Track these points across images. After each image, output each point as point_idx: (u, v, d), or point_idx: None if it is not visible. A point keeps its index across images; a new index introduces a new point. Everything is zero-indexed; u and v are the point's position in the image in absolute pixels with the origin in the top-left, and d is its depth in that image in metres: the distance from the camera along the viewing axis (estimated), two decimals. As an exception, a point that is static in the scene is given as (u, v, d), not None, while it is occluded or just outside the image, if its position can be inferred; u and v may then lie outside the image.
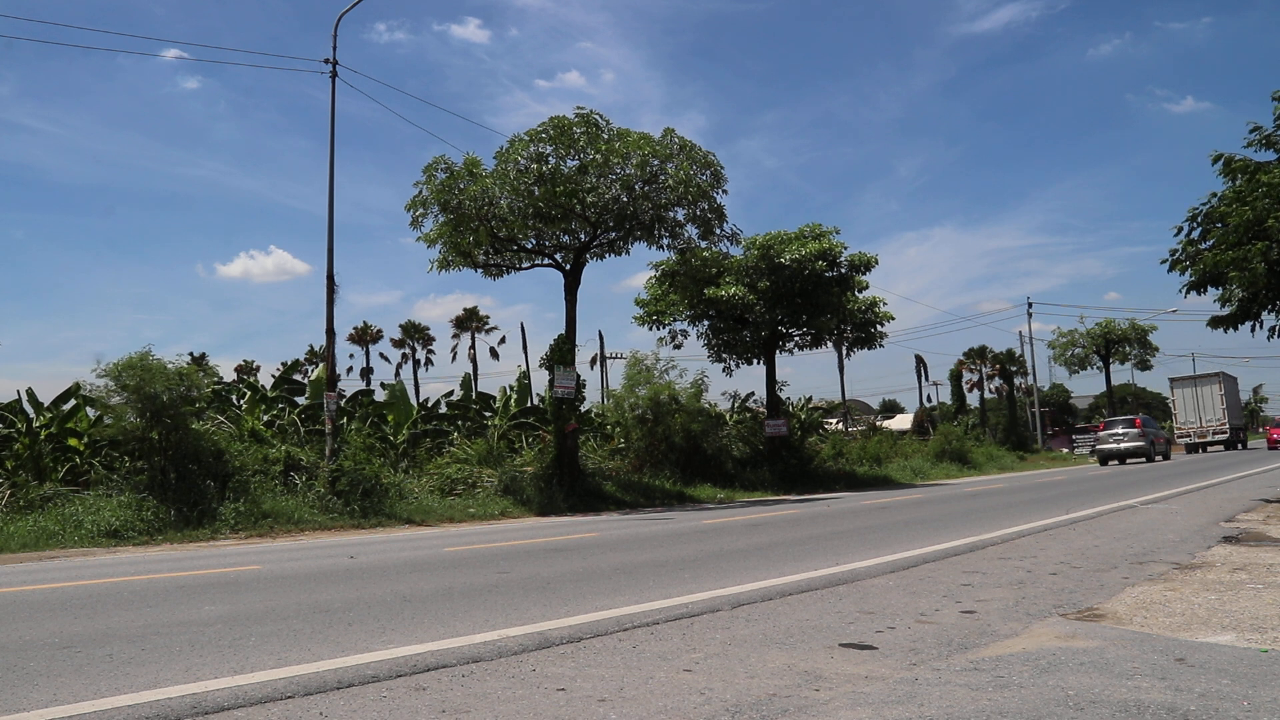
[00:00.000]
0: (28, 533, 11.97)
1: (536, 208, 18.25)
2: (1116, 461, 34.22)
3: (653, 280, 25.81)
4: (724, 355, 26.72)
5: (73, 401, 17.90)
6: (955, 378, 60.10)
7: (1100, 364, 55.03)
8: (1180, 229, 13.64)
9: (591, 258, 20.70)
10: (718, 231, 19.89)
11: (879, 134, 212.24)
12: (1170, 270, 13.60)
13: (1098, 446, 35.59)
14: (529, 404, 26.29)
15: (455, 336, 64.29)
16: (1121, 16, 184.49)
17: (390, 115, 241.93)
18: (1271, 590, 6.03)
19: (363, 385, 53.28)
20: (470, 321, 62.93)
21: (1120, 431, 34.51)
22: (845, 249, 24.86)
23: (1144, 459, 34.11)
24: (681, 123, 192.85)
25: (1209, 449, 44.90)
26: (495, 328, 64.27)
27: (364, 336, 63.51)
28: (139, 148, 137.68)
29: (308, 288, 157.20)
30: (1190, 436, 44.78)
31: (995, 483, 24.81)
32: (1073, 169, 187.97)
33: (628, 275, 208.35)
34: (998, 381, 64.39)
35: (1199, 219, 13.41)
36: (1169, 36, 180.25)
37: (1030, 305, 57.47)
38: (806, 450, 28.05)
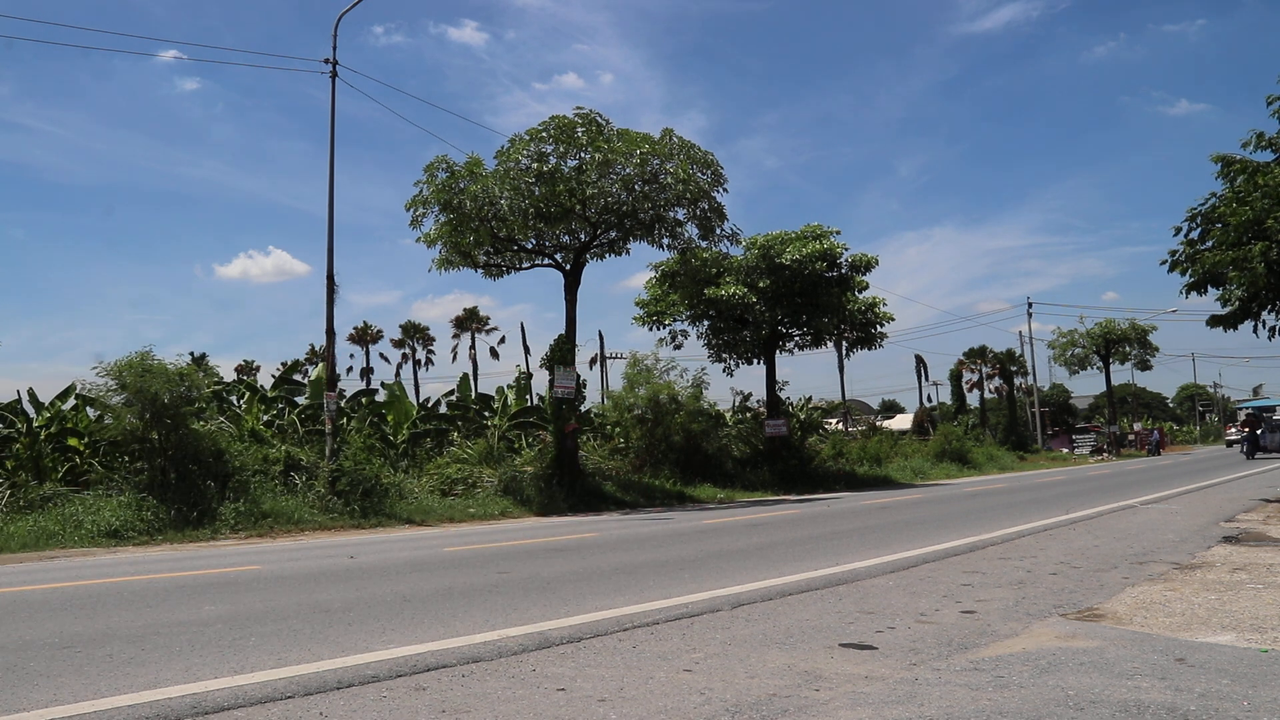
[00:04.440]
0: (28, 533, 11.96)
1: (537, 207, 18.25)
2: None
3: (653, 280, 25.80)
4: (724, 355, 26.70)
5: (72, 401, 17.89)
6: (955, 378, 60.04)
7: (1100, 364, 55.02)
8: (1180, 229, 13.65)
9: (591, 258, 20.70)
10: (718, 231, 19.89)
11: (879, 134, 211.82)
12: (1170, 271, 13.61)
13: (1229, 438, 55.14)
14: (529, 404, 26.28)
15: (455, 336, 64.26)
16: (1122, 17, 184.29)
17: (390, 115, 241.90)
18: (1271, 590, 6.03)
19: (363, 385, 53.32)
20: (470, 321, 62.89)
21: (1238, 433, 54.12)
22: (846, 249, 24.88)
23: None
24: (682, 123, 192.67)
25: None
26: (495, 328, 64.21)
27: (364, 336, 63.47)
28: (139, 148, 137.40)
29: (308, 288, 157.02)
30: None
31: (995, 483, 24.80)
32: (1073, 169, 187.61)
33: (628, 275, 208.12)
34: (998, 381, 64.26)
35: (1198, 219, 13.42)
36: (1164, 38, 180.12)
37: (1030, 305, 57.43)
38: (806, 450, 28.03)
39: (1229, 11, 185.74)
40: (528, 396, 26.96)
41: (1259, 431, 34.45)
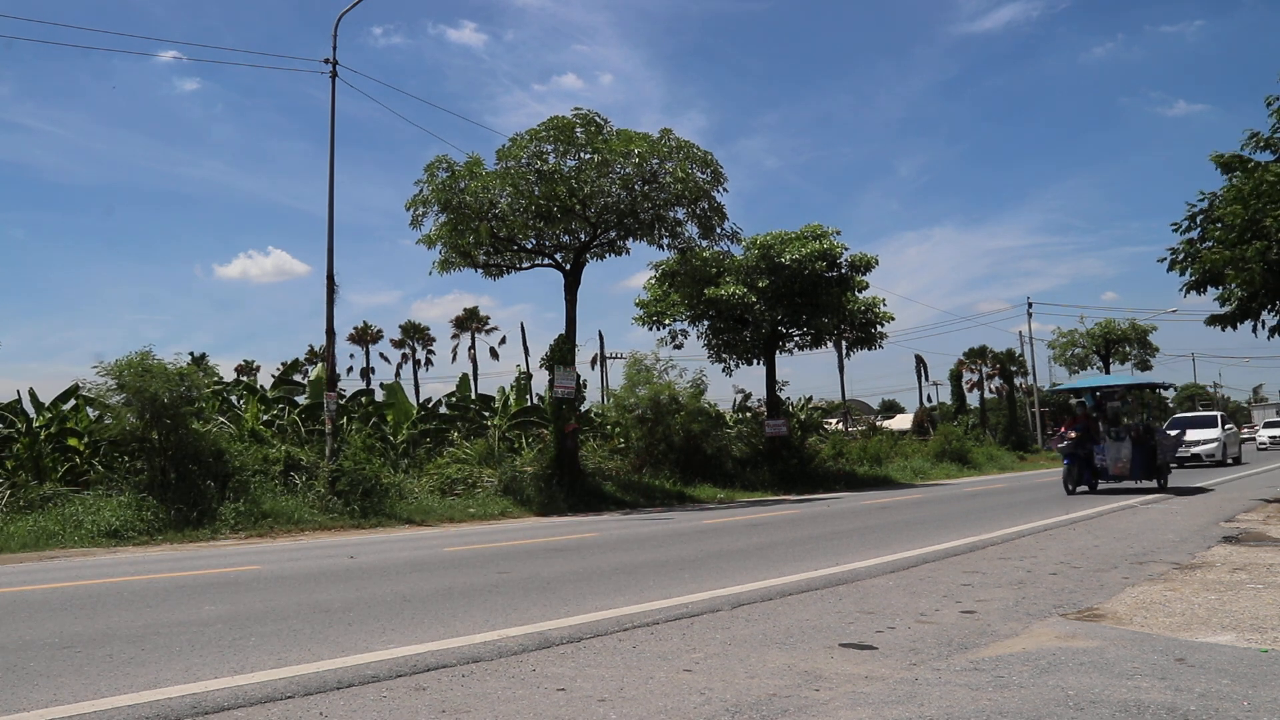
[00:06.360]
0: (28, 533, 11.96)
1: (537, 206, 18.27)
2: None
3: (653, 280, 25.80)
4: (724, 355, 26.69)
5: (73, 401, 17.89)
6: (955, 378, 60.03)
7: (1100, 364, 54.99)
8: (1179, 226, 13.64)
9: (591, 258, 20.70)
10: (718, 230, 19.91)
11: (879, 134, 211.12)
12: (1170, 269, 13.60)
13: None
14: (529, 404, 26.28)
15: (455, 336, 64.32)
16: (1121, 17, 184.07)
17: (390, 115, 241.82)
18: (1271, 590, 6.03)
19: (363, 385, 53.30)
20: (470, 321, 62.94)
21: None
22: (846, 249, 24.88)
23: None
24: (682, 122, 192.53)
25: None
26: (495, 328, 64.26)
27: (364, 336, 63.50)
28: (139, 148, 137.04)
29: (308, 288, 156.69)
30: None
31: (995, 483, 24.80)
32: (1073, 169, 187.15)
33: (628, 275, 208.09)
34: (998, 381, 64.36)
35: (1198, 218, 13.41)
36: (1162, 39, 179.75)
37: (1030, 305, 57.38)
38: (806, 450, 28.01)
39: (1227, 12, 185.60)
40: (528, 396, 26.95)
41: (1097, 444, 17.06)
